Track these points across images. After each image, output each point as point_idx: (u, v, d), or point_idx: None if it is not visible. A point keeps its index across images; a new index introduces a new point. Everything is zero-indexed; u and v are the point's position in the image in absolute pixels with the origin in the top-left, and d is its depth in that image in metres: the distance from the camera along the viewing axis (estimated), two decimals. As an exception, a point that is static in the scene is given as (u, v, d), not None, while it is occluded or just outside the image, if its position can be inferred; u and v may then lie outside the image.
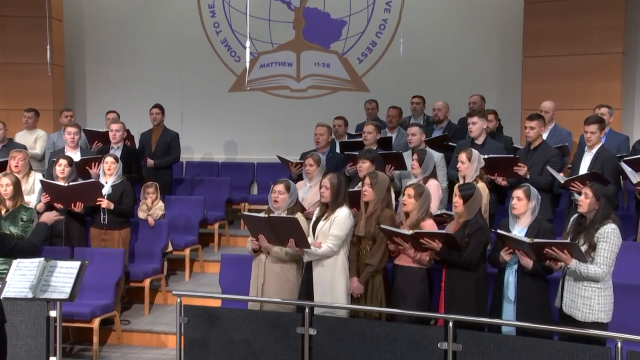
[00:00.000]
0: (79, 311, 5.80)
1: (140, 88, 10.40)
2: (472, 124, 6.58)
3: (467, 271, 4.90)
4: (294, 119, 10.16)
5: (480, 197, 5.11)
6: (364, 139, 7.04)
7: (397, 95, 9.01)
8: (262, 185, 9.57)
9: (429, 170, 6.02)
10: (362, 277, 5.14)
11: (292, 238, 5.01)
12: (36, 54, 9.28)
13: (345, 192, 5.24)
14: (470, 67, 9.73)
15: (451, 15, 9.91)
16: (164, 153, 8.38)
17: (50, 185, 6.46)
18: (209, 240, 8.52)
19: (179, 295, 5.15)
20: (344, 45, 10.22)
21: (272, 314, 5.06)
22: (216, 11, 10.42)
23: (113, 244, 6.62)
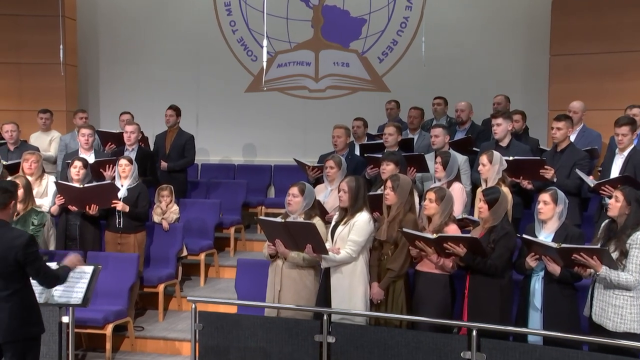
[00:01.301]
0: (92, 317, 5.84)
1: (155, 88, 10.47)
2: (496, 125, 6.54)
3: (492, 278, 4.88)
4: (312, 120, 10.17)
5: (505, 201, 5.08)
6: (384, 140, 7.02)
7: (418, 96, 9.00)
8: (280, 188, 9.59)
9: (453, 174, 5.99)
10: (383, 282, 5.13)
11: (309, 244, 5.01)
12: (49, 53, 9.40)
13: (365, 196, 5.23)
14: (494, 66, 9.68)
15: (475, 12, 9.87)
16: (179, 156, 8.42)
17: (65, 187, 6.52)
18: (225, 244, 8.55)
19: (194, 301, 5.17)
20: (364, 44, 10.22)
21: (289, 321, 5.06)
22: (232, 9, 10.47)
23: (129, 248, 6.67)
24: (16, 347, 4.20)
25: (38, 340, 4.37)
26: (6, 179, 5.76)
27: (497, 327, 4.63)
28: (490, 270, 4.86)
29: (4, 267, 4.14)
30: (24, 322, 4.21)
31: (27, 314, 4.23)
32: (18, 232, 4.33)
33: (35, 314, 4.32)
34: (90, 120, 9.42)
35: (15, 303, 4.17)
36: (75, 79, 10.39)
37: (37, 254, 4.31)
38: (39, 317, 4.33)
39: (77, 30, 10.39)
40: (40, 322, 4.34)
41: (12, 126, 7.87)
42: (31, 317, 4.26)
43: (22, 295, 4.23)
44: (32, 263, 4.24)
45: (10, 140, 7.87)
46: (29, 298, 4.29)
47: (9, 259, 4.15)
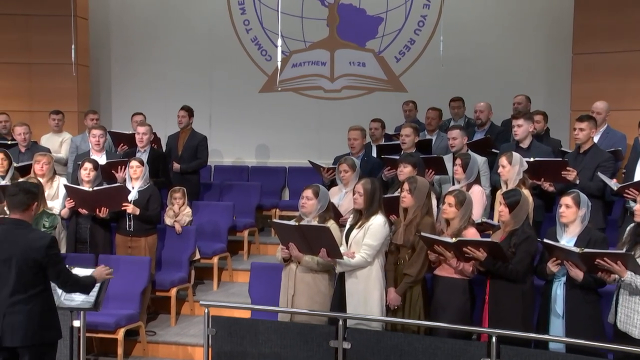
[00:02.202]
0: (104, 321, 5.87)
1: (168, 89, 10.52)
2: (517, 126, 6.50)
3: (513, 283, 4.84)
4: (328, 121, 10.16)
5: (526, 204, 5.05)
6: (401, 142, 7.00)
7: (436, 96, 8.96)
8: (294, 190, 9.59)
9: (474, 176, 5.96)
10: (400, 287, 5.12)
11: (323, 247, 5.01)
12: (61, 53, 9.45)
13: (380, 199, 5.22)
14: (515, 66, 9.63)
15: (495, 10, 9.83)
16: (191, 157, 8.45)
17: (74, 190, 6.56)
18: (238, 248, 8.56)
19: (207, 305, 5.18)
20: (381, 43, 10.20)
21: (304, 326, 5.06)
22: (246, 8, 10.49)
23: (139, 252, 6.69)
24: (33, 351, 4.22)
25: (55, 346, 4.39)
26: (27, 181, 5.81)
27: (518, 333, 4.59)
28: (511, 275, 4.83)
29: (24, 269, 4.17)
30: (42, 327, 4.23)
31: (45, 318, 4.25)
32: (40, 234, 4.37)
33: (54, 318, 4.34)
34: (102, 121, 9.48)
35: (34, 306, 4.20)
36: (87, 79, 10.46)
37: (58, 256, 4.34)
38: (57, 322, 4.35)
39: (89, 30, 10.46)
40: (58, 327, 4.36)
41: (24, 128, 7.93)
42: (49, 322, 4.28)
43: (42, 299, 4.25)
44: (53, 265, 4.26)
45: (22, 142, 7.92)
46: (48, 302, 4.31)
47: (29, 261, 4.18)
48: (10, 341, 4.17)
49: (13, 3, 9.99)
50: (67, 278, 4.40)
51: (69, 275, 4.41)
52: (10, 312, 4.17)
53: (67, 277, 4.40)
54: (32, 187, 4.45)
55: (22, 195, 4.31)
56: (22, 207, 4.31)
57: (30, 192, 4.35)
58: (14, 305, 4.17)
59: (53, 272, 4.30)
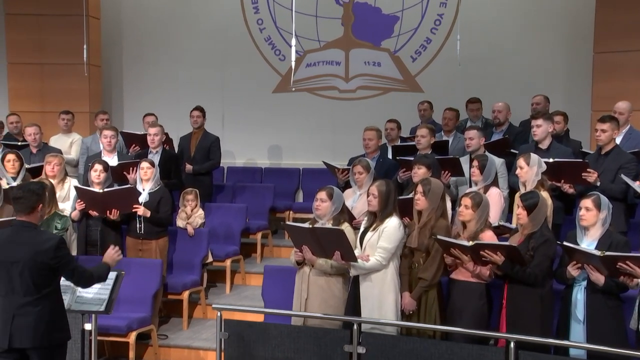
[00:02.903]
0: (115, 324, 5.89)
1: (180, 89, 10.57)
2: (536, 126, 6.46)
3: (532, 287, 4.81)
4: (342, 121, 10.16)
5: (545, 206, 5.02)
6: (417, 143, 6.99)
7: (453, 96, 8.95)
8: (308, 192, 9.60)
9: (491, 178, 5.93)
10: (415, 292, 5.10)
11: (337, 250, 5.00)
12: (72, 54, 9.53)
13: (395, 201, 5.20)
14: (533, 65, 9.59)
15: (513, 8, 9.79)
16: (204, 158, 8.48)
17: (84, 192, 6.59)
18: (251, 250, 8.58)
19: (219, 309, 5.18)
20: (396, 42, 10.19)
21: (318, 330, 5.05)
22: (260, 7, 10.52)
23: (150, 254, 6.71)
24: (42, 353, 4.25)
25: (64, 347, 4.42)
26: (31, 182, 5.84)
27: (537, 339, 4.56)
28: (529, 279, 4.80)
29: (33, 271, 4.20)
30: (51, 328, 4.26)
31: (54, 320, 4.28)
32: (47, 235, 4.37)
33: (63, 319, 4.36)
34: (114, 121, 9.53)
35: (43, 308, 4.23)
36: (99, 79, 10.53)
37: (68, 256, 4.36)
38: (66, 323, 4.38)
39: (100, 30, 10.53)
40: (67, 329, 4.39)
41: (34, 129, 7.99)
42: (58, 323, 4.31)
43: (51, 300, 4.28)
44: (65, 266, 4.30)
45: (33, 143, 7.97)
46: (57, 303, 4.34)
47: (38, 263, 4.20)
48: (19, 342, 4.20)
49: (25, 3, 10.09)
50: (82, 275, 4.44)
51: (82, 272, 4.44)
52: (20, 313, 4.20)
53: (81, 274, 4.43)
54: (35, 188, 4.44)
55: (25, 197, 4.33)
56: (27, 210, 4.32)
57: (34, 194, 4.35)
58: (23, 307, 4.20)
59: (66, 272, 4.34)
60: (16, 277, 4.20)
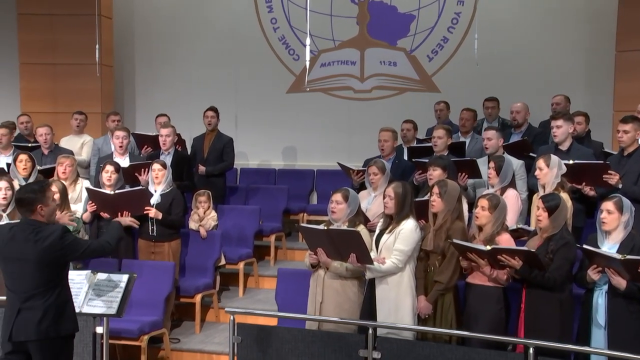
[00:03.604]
0: (127, 328, 5.92)
1: (193, 89, 10.60)
2: (556, 127, 6.42)
3: (551, 291, 4.79)
4: (357, 122, 10.16)
5: (566, 209, 5.00)
6: (433, 144, 6.97)
7: (470, 96, 8.91)
8: (322, 194, 9.60)
9: (508, 180, 5.91)
10: (431, 295, 5.09)
11: (353, 253, 5.00)
12: (85, 54, 9.58)
13: (412, 203, 5.20)
14: (553, 64, 9.54)
15: (532, 6, 9.75)
16: (217, 159, 8.50)
17: (96, 193, 6.63)
18: (265, 253, 8.59)
19: (232, 312, 5.20)
20: (413, 41, 10.18)
21: (332, 334, 5.05)
22: (274, 6, 10.54)
23: (162, 257, 6.74)
24: (48, 345, 4.29)
25: (70, 340, 4.45)
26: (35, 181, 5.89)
27: (557, 345, 4.54)
28: (548, 284, 4.77)
29: (40, 266, 4.24)
30: (57, 320, 4.30)
31: (60, 312, 4.32)
32: (50, 229, 4.37)
33: (69, 311, 4.40)
34: (126, 122, 9.59)
35: (48, 300, 4.27)
36: (111, 80, 10.59)
37: (74, 242, 4.40)
38: (73, 315, 4.42)
39: (113, 30, 10.59)
40: (74, 320, 4.42)
41: (46, 129, 8.02)
42: (64, 315, 4.35)
43: (57, 293, 4.32)
44: (73, 251, 4.36)
45: (44, 144, 8.00)
46: (63, 296, 4.38)
47: (45, 258, 4.24)
48: (24, 335, 4.25)
49: (37, 3, 10.17)
50: (94, 250, 4.54)
51: (93, 248, 4.54)
52: (26, 307, 4.26)
53: (93, 250, 4.54)
54: (35, 188, 4.44)
55: (24, 198, 4.37)
56: (27, 212, 4.36)
57: (31, 193, 4.36)
58: (29, 300, 4.26)
59: (78, 256, 4.42)
60: (23, 272, 4.26)
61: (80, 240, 4.52)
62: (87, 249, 4.46)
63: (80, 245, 4.44)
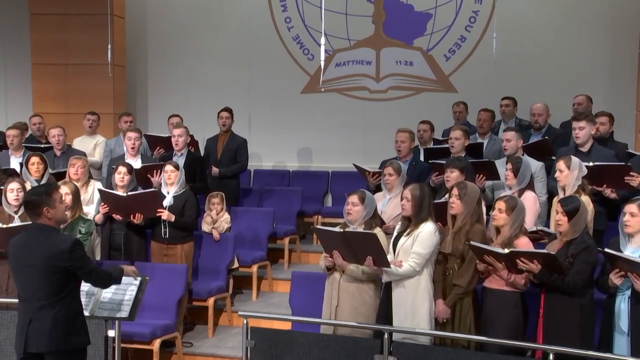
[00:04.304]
0: (139, 331, 5.94)
1: (206, 90, 10.64)
2: (578, 129, 6.38)
3: (571, 296, 4.76)
4: (373, 123, 10.15)
5: (586, 212, 4.97)
6: (450, 145, 6.95)
7: (488, 97, 8.88)
8: (337, 196, 9.60)
9: (525, 181, 5.89)
10: (449, 299, 5.08)
11: (369, 255, 4.99)
12: (97, 54, 9.64)
13: (430, 205, 5.19)
14: (574, 63, 9.49)
15: (553, 3, 9.71)
16: (231, 161, 8.52)
17: (108, 195, 6.66)
18: (279, 256, 8.60)
19: (246, 316, 5.21)
20: (429, 40, 10.16)
21: (347, 339, 5.05)
22: (288, 5, 10.56)
23: (175, 259, 6.77)
24: (59, 357, 4.29)
25: (82, 353, 4.46)
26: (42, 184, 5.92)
27: (577, 351, 4.50)
28: (568, 288, 4.74)
29: (50, 274, 4.24)
30: (68, 332, 4.29)
31: (71, 324, 4.32)
32: (62, 237, 4.40)
33: (80, 324, 4.40)
34: (139, 123, 9.62)
35: (59, 311, 4.27)
36: (124, 80, 10.64)
37: (83, 258, 4.37)
38: (84, 328, 4.41)
39: (125, 29, 10.65)
40: (85, 333, 4.42)
41: (58, 130, 8.06)
42: (75, 327, 4.34)
43: (68, 304, 4.31)
44: (81, 267, 4.32)
45: (57, 145, 8.04)
46: (74, 307, 4.37)
47: (53, 266, 4.24)
48: (35, 347, 4.26)
49: (49, 2, 10.24)
50: (99, 276, 4.47)
51: (99, 273, 4.48)
52: (36, 317, 4.26)
53: (98, 275, 4.47)
54: (41, 190, 4.43)
55: (29, 202, 4.38)
56: (34, 216, 4.37)
57: (37, 196, 4.36)
58: (39, 310, 4.25)
59: (83, 274, 4.37)
60: (33, 281, 4.26)
61: (89, 260, 4.47)
62: (93, 270, 4.41)
63: (88, 263, 4.39)
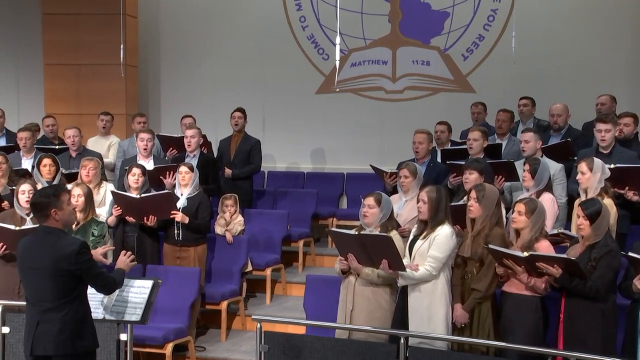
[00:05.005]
0: (151, 335, 5.96)
1: (219, 90, 10.67)
2: (604, 131, 6.35)
3: (593, 301, 4.72)
4: (389, 124, 10.14)
5: (608, 214, 4.93)
6: (469, 147, 6.91)
7: (507, 97, 8.85)
8: (353, 198, 9.59)
9: (543, 183, 5.86)
10: (467, 304, 5.05)
11: (385, 259, 4.99)
12: (109, 54, 9.69)
13: (447, 208, 5.18)
14: (597, 62, 9.44)
15: (573, 1, 9.64)
16: (244, 162, 8.53)
17: (121, 197, 6.68)
18: (293, 259, 8.61)
19: (259, 320, 5.21)
20: (447, 40, 10.13)
21: (362, 343, 5.04)
22: (303, 4, 10.57)
23: (188, 262, 6.78)
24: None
25: (91, 357, 4.47)
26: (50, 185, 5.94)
27: (599, 357, 4.46)
28: (590, 293, 4.71)
29: (57, 277, 4.26)
30: (75, 336, 4.31)
31: (79, 327, 4.33)
32: (69, 240, 4.41)
33: (88, 327, 4.41)
34: (151, 124, 9.67)
35: (66, 314, 4.28)
36: (136, 80, 10.70)
37: (90, 261, 4.38)
38: (92, 332, 4.43)
39: (138, 29, 10.70)
40: (93, 337, 4.43)
41: (74, 131, 8.07)
42: (83, 331, 4.36)
43: (75, 307, 4.33)
44: (86, 271, 4.33)
45: (72, 146, 8.06)
46: (82, 310, 4.39)
47: (60, 269, 4.26)
48: (43, 349, 4.28)
49: (62, 2, 10.32)
50: (104, 281, 4.47)
51: (105, 279, 4.48)
52: (44, 320, 4.28)
53: (104, 280, 4.46)
54: (49, 192, 4.43)
55: (37, 203, 4.39)
56: (42, 218, 4.38)
57: (45, 198, 4.36)
58: (46, 313, 4.27)
59: (89, 278, 4.38)
60: (40, 283, 4.28)
61: (95, 264, 4.48)
62: (100, 275, 4.41)
63: (94, 267, 4.40)
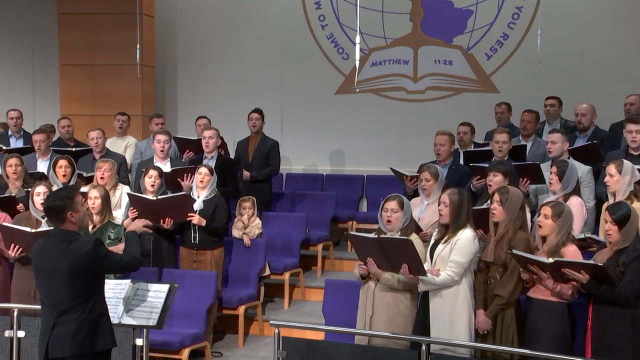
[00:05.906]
0: (167, 340, 5.99)
1: (237, 91, 10.70)
2: (635, 132, 6.29)
3: (621, 307, 4.68)
4: (411, 125, 10.12)
5: (637, 218, 4.88)
6: (498, 149, 6.81)
7: (532, 97, 8.80)
8: (372, 201, 9.58)
9: (571, 186, 5.82)
10: (490, 310, 5.03)
11: (405, 263, 4.98)
12: (125, 54, 9.76)
13: (469, 211, 5.16)
14: (625, 61, 9.36)
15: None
16: (262, 164, 8.55)
17: (137, 199, 6.71)
18: (312, 263, 8.62)
19: (277, 325, 5.22)
20: (470, 39, 10.10)
21: (382, 350, 5.03)
22: (322, 3, 10.58)
23: (205, 266, 6.81)
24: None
25: (108, 355, 4.50)
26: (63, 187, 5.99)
27: (629, 366, 4.44)
28: (619, 299, 4.67)
29: (74, 278, 4.30)
30: (92, 335, 4.35)
31: (95, 326, 4.37)
32: (83, 239, 4.44)
33: (105, 325, 4.44)
34: (167, 125, 9.71)
35: (82, 314, 4.32)
36: (152, 80, 10.76)
37: (107, 254, 4.43)
38: (109, 329, 4.46)
39: (154, 29, 10.77)
40: (110, 335, 4.46)
41: (97, 133, 8.10)
42: (99, 330, 4.39)
43: (91, 307, 4.36)
44: (106, 262, 4.39)
45: (96, 148, 8.10)
46: (98, 309, 4.42)
47: (78, 270, 4.30)
48: (60, 352, 4.31)
49: (78, 2, 10.42)
50: (126, 263, 4.56)
51: (124, 263, 4.56)
52: (60, 322, 4.31)
53: (125, 262, 4.56)
54: (63, 195, 4.44)
55: (52, 208, 4.40)
56: (58, 221, 4.41)
57: (60, 201, 4.38)
58: (63, 315, 4.30)
59: (112, 268, 4.47)
60: (56, 286, 4.32)
61: (112, 254, 4.53)
62: (119, 263, 4.49)
63: (112, 258, 4.46)
